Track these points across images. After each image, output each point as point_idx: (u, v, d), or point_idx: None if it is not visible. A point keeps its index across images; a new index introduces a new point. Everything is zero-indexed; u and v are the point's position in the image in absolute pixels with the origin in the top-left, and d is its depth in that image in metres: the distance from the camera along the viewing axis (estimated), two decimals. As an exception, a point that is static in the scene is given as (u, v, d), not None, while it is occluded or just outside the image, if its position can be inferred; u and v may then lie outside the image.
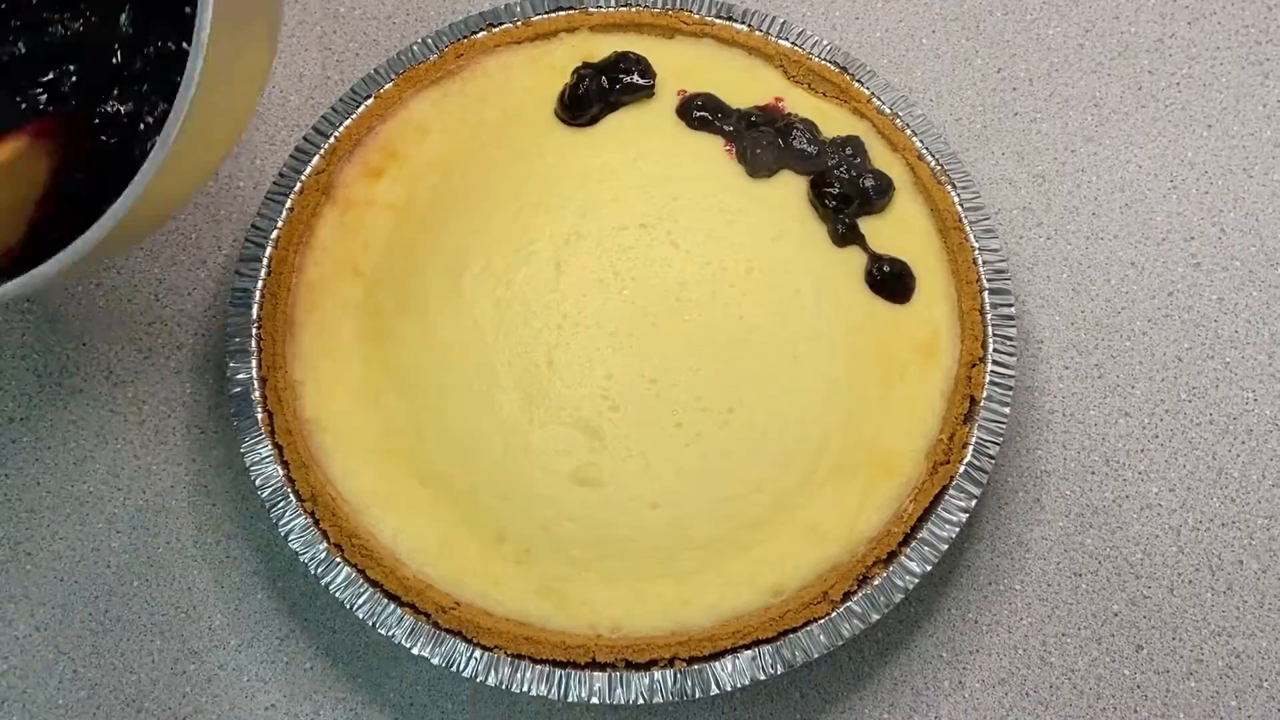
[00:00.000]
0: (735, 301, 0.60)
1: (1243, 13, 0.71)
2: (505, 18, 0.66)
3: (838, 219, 0.61)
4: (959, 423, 0.56)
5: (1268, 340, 0.62)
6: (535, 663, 0.52)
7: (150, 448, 0.61)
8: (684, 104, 0.64)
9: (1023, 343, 0.62)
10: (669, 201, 0.62)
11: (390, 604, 0.53)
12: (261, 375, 0.57)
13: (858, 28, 0.71)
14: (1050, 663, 0.56)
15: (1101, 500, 0.59)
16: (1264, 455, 0.60)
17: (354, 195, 0.62)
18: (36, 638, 0.57)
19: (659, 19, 0.66)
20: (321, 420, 0.57)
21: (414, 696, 0.56)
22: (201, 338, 0.63)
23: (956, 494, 0.55)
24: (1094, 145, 0.68)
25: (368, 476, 0.56)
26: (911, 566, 0.53)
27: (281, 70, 0.70)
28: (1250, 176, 0.66)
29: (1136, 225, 0.65)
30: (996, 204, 0.66)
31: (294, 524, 0.54)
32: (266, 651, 0.57)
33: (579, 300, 0.60)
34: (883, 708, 0.55)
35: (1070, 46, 0.70)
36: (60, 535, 0.59)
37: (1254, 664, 0.56)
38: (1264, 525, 0.58)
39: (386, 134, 0.63)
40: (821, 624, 0.52)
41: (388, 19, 0.72)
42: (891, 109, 0.64)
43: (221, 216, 0.66)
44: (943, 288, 0.59)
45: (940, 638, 0.56)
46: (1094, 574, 0.58)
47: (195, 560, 0.58)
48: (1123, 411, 0.61)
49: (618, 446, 0.56)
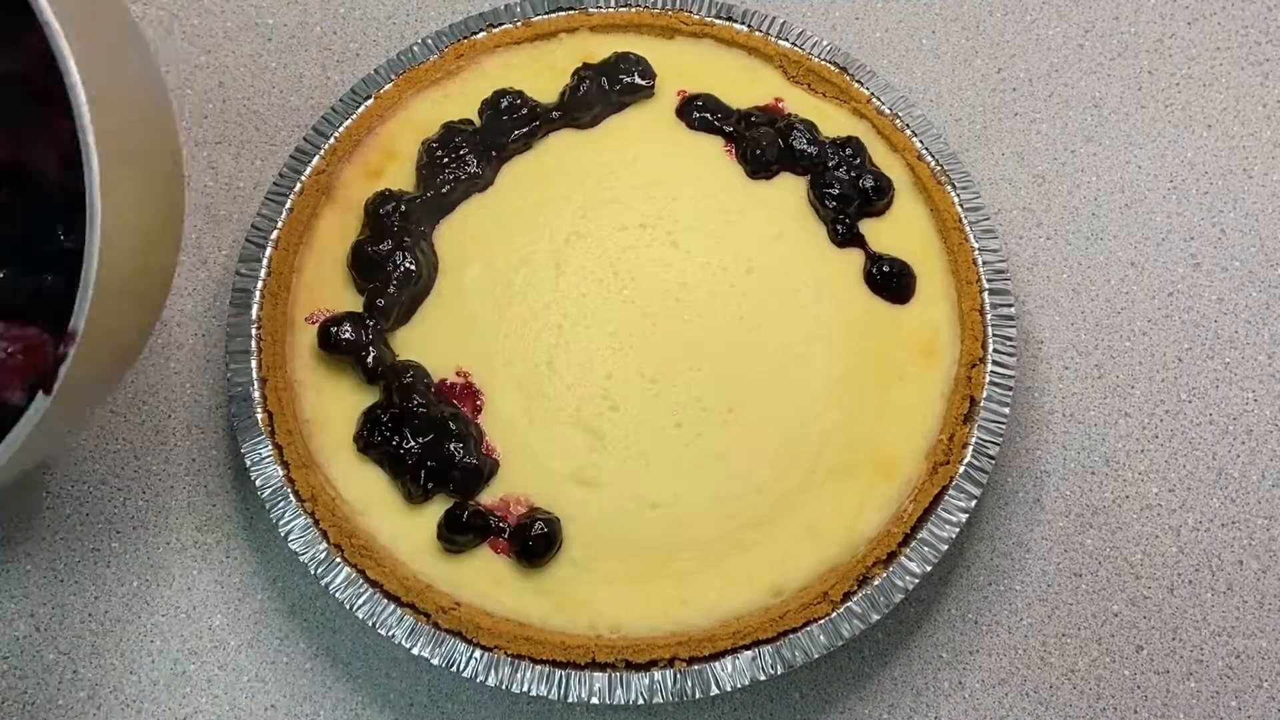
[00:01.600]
0: (735, 301, 0.60)
1: (1243, 13, 0.71)
2: (505, 18, 0.67)
3: (838, 219, 0.61)
4: (959, 423, 0.56)
5: (1268, 340, 0.62)
6: (535, 663, 0.52)
7: (150, 448, 0.61)
8: (684, 104, 0.64)
9: (1023, 343, 0.62)
10: (669, 202, 0.62)
11: (390, 604, 0.53)
12: (261, 375, 0.57)
13: (858, 28, 0.71)
14: (1050, 663, 0.56)
15: (1101, 500, 0.59)
16: (1264, 455, 0.60)
17: (354, 195, 0.62)
18: (36, 638, 0.57)
19: (659, 19, 0.66)
20: (321, 420, 0.57)
21: (414, 696, 0.56)
22: (201, 338, 0.63)
23: (956, 494, 0.55)
24: (1094, 145, 0.68)
25: (368, 476, 0.56)
26: (911, 567, 0.53)
27: (281, 70, 0.70)
28: (1250, 176, 0.66)
29: (1136, 225, 0.65)
30: (996, 204, 0.66)
31: (294, 524, 0.54)
32: (266, 652, 0.57)
33: (579, 300, 0.60)
34: (883, 708, 0.55)
35: (1070, 46, 0.70)
36: (60, 535, 0.59)
37: (1254, 664, 0.56)
38: (1264, 525, 0.58)
39: (386, 134, 0.63)
40: (821, 624, 0.52)
41: (388, 19, 0.72)
42: (891, 109, 0.64)
43: (221, 216, 0.66)
44: (943, 288, 0.59)
45: (940, 638, 0.56)
46: (1094, 574, 0.58)
47: (195, 560, 0.58)
48: (1123, 411, 0.61)
49: (618, 447, 0.56)
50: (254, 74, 0.70)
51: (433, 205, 0.61)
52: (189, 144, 0.68)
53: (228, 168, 0.68)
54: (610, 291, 0.60)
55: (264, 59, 0.71)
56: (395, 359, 0.58)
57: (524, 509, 0.55)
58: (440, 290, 0.60)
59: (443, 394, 0.57)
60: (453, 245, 0.61)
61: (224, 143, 0.68)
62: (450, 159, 0.61)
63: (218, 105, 0.69)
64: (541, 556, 0.53)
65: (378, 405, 0.56)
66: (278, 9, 0.72)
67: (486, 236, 0.61)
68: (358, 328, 0.57)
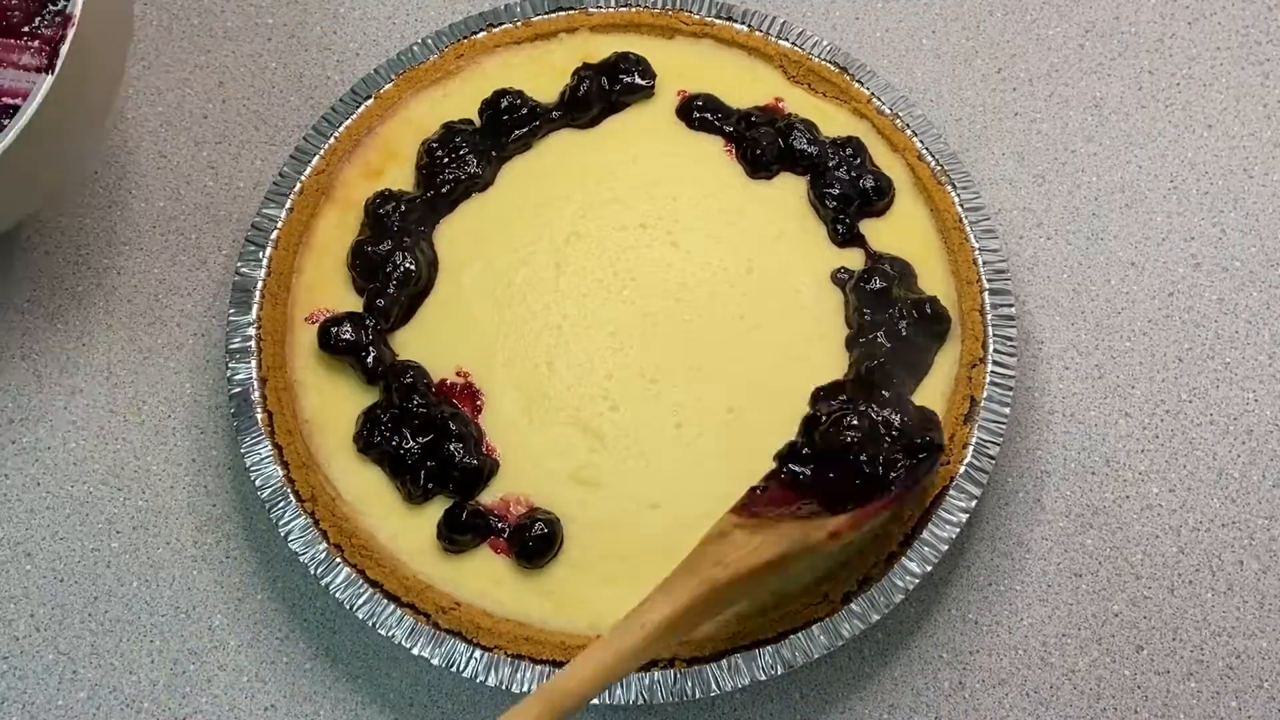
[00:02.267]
0: (735, 301, 0.60)
1: (1243, 13, 0.71)
2: (505, 18, 0.66)
3: (838, 219, 0.61)
4: (959, 423, 0.56)
5: (1268, 340, 0.62)
6: (535, 663, 0.52)
7: (150, 448, 0.61)
8: (684, 104, 0.64)
9: (1023, 343, 0.62)
10: (669, 202, 0.62)
11: (390, 604, 0.53)
12: (261, 375, 0.57)
13: (858, 28, 0.71)
14: (1050, 663, 0.56)
15: (1101, 500, 0.59)
16: (1264, 455, 0.60)
17: (354, 195, 0.62)
18: (36, 638, 0.57)
19: (659, 19, 0.66)
20: (321, 420, 0.57)
21: (414, 696, 0.56)
22: (201, 338, 0.63)
23: (956, 494, 0.55)
24: (1094, 145, 0.67)
25: (368, 476, 0.56)
26: (911, 566, 0.53)
27: (281, 70, 0.70)
28: (1250, 176, 0.66)
29: (1136, 225, 0.65)
30: (996, 204, 0.66)
31: (294, 524, 0.54)
32: (266, 652, 0.57)
33: (579, 300, 0.60)
34: (883, 708, 0.55)
35: (1070, 46, 0.70)
36: (60, 535, 0.59)
37: (1254, 664, 0.56)
38: (1264, 525, 0.58)
39: (386, 134, 0.63)
40: (821, 624, 0.52)
41: (388, 19, 0.72)
42: (891, 109, 0.64)
43: (221, 216, 0.66)
44: (943, 288, 0.59)
45: (940, 638, 0.56)
46: (1094, 574, 0.57)
47: (195, 560, 0.58)
48: (1123, 412, 0.61)
49: (618, 447, 0.56)
50: (254, 74, 0.70)
51: (433, 205, 0.61)
52: (189, 144, 0.68)
53: (228, 168, 0.68)
54: (610, 292, 0.60)
55: (264, 59, 0.71)
56: (395, 359, 0.58)
57: (524, 509, 0.55)
58: (440, 290, 0.60)
59: (443, 394, 0.57)
60: (452, 245, 0.61)
61: (224, 143, 0.68)
62: (450, 159, 0.61)
63: (218, 105, 0.69)
64: (541, 556, 0.53)
65: (378, 405, 0.56)
66: (278, 9, 0.72)
67: (486, 236, 0.61)
68: (358, 328, 0.57)
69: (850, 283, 0.59)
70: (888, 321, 0.57)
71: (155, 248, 0.65)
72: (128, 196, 0.67)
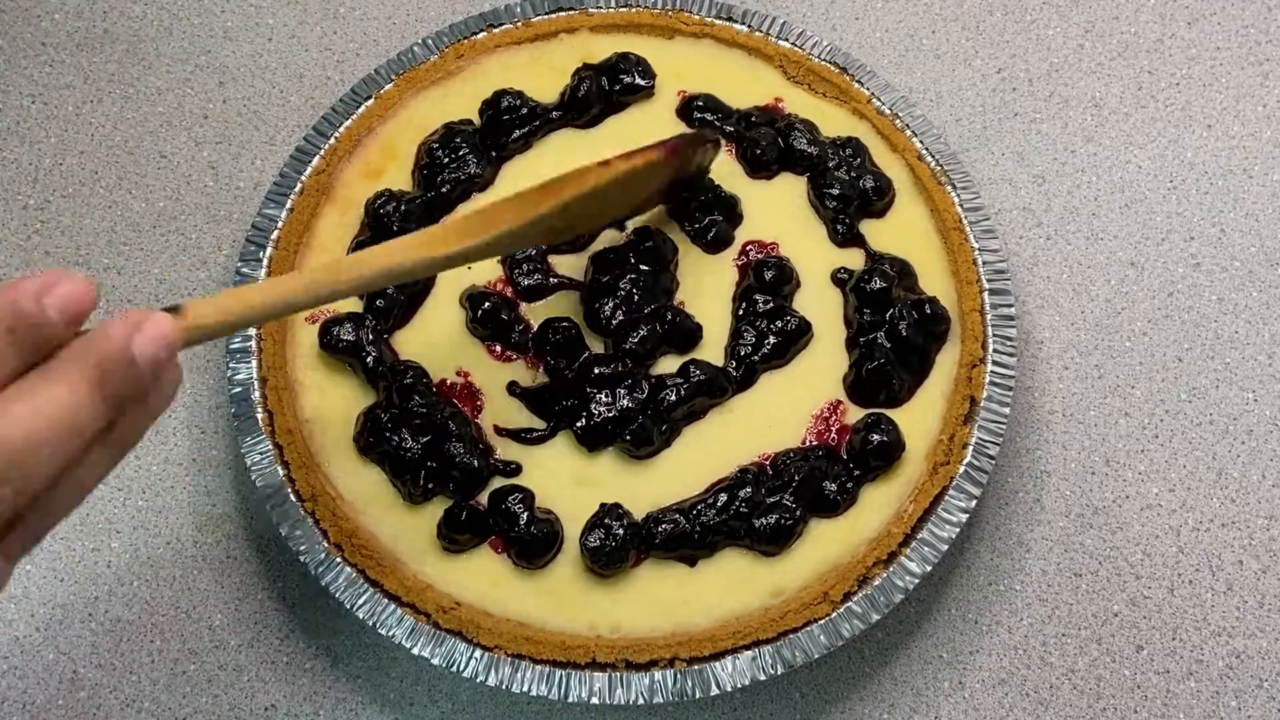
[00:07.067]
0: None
1: (1243, 13, 0.71)
2: (505, 18, 0.67)
3: (838, 219, 0.61)
4: (959, 423, 0.56)
5: (1268, 340, 0.62)
6: (535, 663, 0.52)
7: (150, 448, 0.61)
8: (684, 104, 0.64)
9: (1023, 343, 0.62)
10: (669, 202, 0.62)
11: (390, 604, 0.53)
12: (261, 375, 0.57)
13: (858, 28, 0.71)
14: (1050, 663, 0.56)
15: (1101, 500, 0.59)
16: (1264, 455, 0.60)
17: (354, 195, 0.62)
18: (36, 638, 0.57)
19: (659, 20, 0.66)
20: (321, 420, 0.57)
21: (414, 696, 0.56)
22: (201, 338, 0.63)
23: (956, 494, 0.55)
24: (1094, 145, 0.68)
25: (368, 476, 0.56)
26: (911, 567, 0.53)
27: (281, 70, 0.70)
28: (1250, 176, 0.66)
29: (1136, 225, 0.65)
30: (996, 204, 0.66)
31: (294, 524, 0.54)
32: (266, 651, 0.57)
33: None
34: (883, 708, 0.55)
35: (1070, 46, 0.70)
36: (60, 535, 0.59)
37: (1254, 664, 0.56)
38: (1264, 525, 0.58)
39: (386, 134, 0.63)
40: (821, 624, 0.52)
41: (388, 19, 0.72)
42: (891, 109, 0.64)
43: (221, 216, 0.66)
44: (943, 288, 0.59)
45: (940, 638, 0.56)
46: (1094, 574, 0.58)
47: (195, 560, 0.58)
48: (1123, 412, 0.61)
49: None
50: (254, 74, 0.70)
51: (432, 205, 0.61)
52: (189, 144, 0.68)
53: (228, 168, 0.68)
54: (610, 291, 0.60)
55: (264, 59, 0.71)
56: (395, 359, 0.58)
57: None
58: (440, 290, 0.60)
59: (443, 394, 0.57)
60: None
61: (224, 143, 0.68)
62: (450, 159, 0.61)
63: (218, 105, 0.69)
64: (541, 556, 0.53)
65: (378, 405, 0.56)
66: (278, 9, 0.72)
67: (486, 236, 0.61)
68: (358, 328, 0.57)
69: (850, 283, 0.59)
70: (888, 322, 0.57)
71: (155, 248, 0.65)
72: (128, 196, 0.67)
